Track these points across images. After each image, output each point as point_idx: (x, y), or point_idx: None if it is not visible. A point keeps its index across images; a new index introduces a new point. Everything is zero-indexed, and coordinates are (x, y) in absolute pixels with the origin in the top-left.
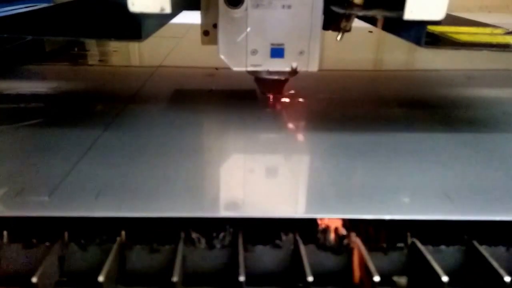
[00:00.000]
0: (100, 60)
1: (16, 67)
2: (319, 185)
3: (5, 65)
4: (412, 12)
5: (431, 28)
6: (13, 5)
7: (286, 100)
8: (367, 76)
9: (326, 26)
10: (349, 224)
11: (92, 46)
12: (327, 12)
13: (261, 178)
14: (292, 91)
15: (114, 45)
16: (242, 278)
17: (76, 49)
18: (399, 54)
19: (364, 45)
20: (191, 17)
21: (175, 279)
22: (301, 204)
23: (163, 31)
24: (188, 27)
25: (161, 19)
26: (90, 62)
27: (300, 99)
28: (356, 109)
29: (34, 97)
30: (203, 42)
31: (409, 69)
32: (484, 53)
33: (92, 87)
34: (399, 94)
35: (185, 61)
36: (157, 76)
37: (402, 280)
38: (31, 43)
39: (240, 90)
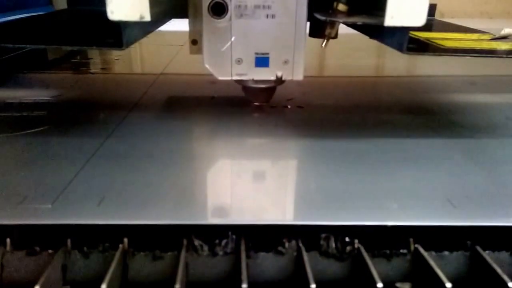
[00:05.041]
0: (102, 68)
1: (18, 75)
2: (322, 191)
3: (7, 73)
4: (392, 18)
5: (416, 34)
6: (14, 14)
7: (287, 107)
8: (369, 82)
9: (313, 33)
10: (352, 230)
11: (95, 55)
12: (312, 19)
13: (264, 185)
14: (293, 98)
15: (116, 53)
16: (245, 286)
17: (78, 57)
18: (400, 60)
19: (366, 51)
20: None
21: (178, 286)
22: (304, 210)
23: (164, 38)
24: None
25: (145, 27)
26: (92, 70)
27: (301, 106)
28: (358, 115)
29: (37, 105)
30: (192, 52)
31: (411, 75)
32: (487, 59)
33: (95, 95)
34: (401, 100)
35: (187, 68)
36: (159, 84)
37: (405, 286)
38: (34, 52)
39: (242, 97)
